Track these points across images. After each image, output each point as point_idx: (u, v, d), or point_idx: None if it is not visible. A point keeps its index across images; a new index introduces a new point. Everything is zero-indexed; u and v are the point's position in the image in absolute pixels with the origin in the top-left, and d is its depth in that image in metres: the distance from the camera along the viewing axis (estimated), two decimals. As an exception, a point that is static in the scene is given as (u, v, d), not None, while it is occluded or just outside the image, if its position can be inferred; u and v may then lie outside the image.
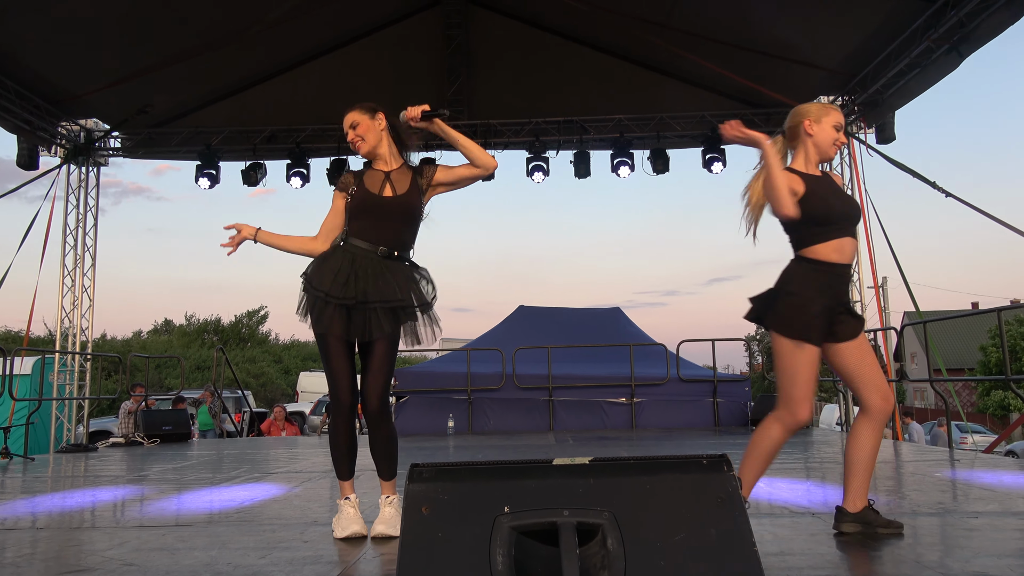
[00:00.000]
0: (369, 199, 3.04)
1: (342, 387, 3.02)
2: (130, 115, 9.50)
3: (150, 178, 71.36)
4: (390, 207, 3.04)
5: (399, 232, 3.06)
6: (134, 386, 10.62)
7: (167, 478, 5.41)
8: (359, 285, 2.93)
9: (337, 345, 3.00)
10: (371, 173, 3.12)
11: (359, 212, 3.05)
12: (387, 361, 3.04)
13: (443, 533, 1.48)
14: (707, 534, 1.45)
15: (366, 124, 3.10)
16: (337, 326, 2.95)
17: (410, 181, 3.09)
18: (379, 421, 3.05)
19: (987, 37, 7.74)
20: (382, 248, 3.01)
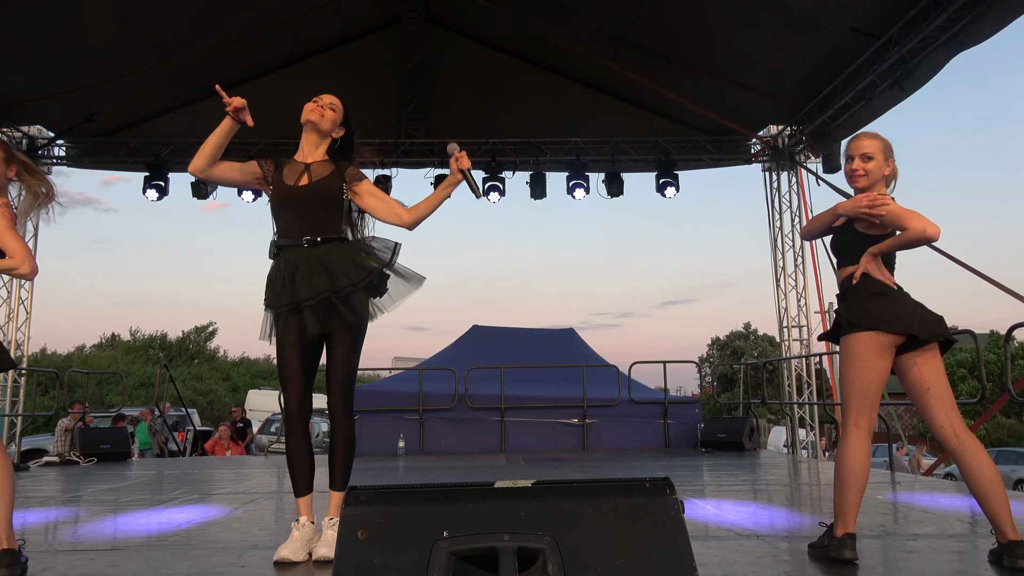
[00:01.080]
0: (285, 192, 2.99)
1: (290, 393, 2.98)
2: (76, 123, 9.23)
3: (98, 189, 69.59)
4: (305, 195, 2.98)
5: (321, 219, 2.97)
6: (72, 403, 10.24)
7: (102, 499, 5.20)
8: (293, 288, 2.89)
9: (291, 351, 2.95)
10: (291, 165, 3.06)
11: (279, 208, 3.01)
12: (345, 354, 2.96)
13: (379, 559, 1.43)
14: (649, 558, 1.43)
15: (337, 117, 3.08)
16: (290, 333, 2.93)
17: (331, 172, 3.04)
18: (338, 418, 3.00)
19: (928, 74, 8.06)
20: (306, 237, 2.94)
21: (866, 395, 2.78)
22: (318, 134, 3.06)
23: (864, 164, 2.89)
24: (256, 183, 3.09)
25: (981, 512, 3.97)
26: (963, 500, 4.54)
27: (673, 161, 10.97)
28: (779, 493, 5.04)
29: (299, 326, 2.90)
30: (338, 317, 2.90)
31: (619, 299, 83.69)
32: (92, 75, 8.79)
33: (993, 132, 71.69)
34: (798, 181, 11.18)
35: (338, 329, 2.92)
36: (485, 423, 9.83)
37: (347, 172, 3.06)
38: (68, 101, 9.19)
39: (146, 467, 8.19)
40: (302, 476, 3.04)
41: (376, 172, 10.86)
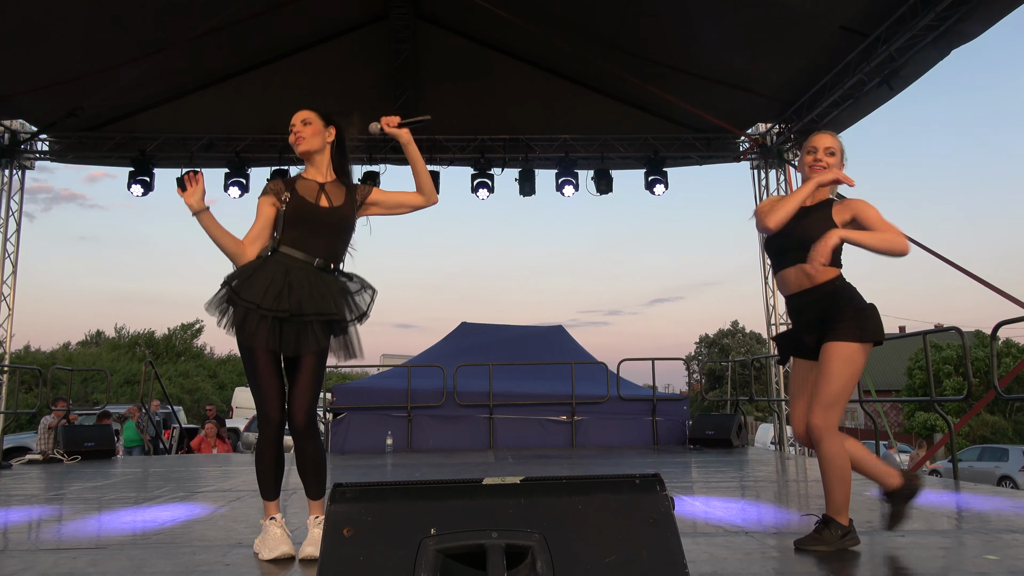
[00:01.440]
0: (306, 208, 2.95)
1: (271, 404, 2.91)
2: (59, 118, 9.12)
3: (84, 185, 68.96)
4: (327, 218, 2.97)
5: (334, 244, 3.00)
6: (55, 400, 10.12)
7: (85, 497, 5.13)
8: (293, 297, 2.84)
9: (266, 359, 2.89)
10: (304, 182, 3.04)
11: (295, 222, 2.95)
12: (316, 376, 2.95)
13: (365, 556, 1.40)
14: (638, 556, 1.41)
15: (317, 127, 3.05)
16: (266, 339, 2.84)
17: (345, 195, 3.05)
18: (307, 437, 2.95)
19: (916, 73, 8.10)
20: (318, 260, 2.93)
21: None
22: (316, 153, 3.06)
23: (828, 158, 3.02)
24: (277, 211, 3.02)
25: (968, 508, 4.00)
26: (950, 496, 4.56)
27: (662, 158, 10.98)
28: (767, 490, 5.05)
29: (280, 336, 2.85)
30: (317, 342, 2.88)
31: (608, 297, 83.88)
32: (75, 69, 8.69)
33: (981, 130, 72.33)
34: (786, 179, 11.22)
35: (313, 351, 2.90)
36: (473, 420, 9.81)
37: (359, 193, 3.08)
38: (51, 95, 9.08)
39: (131, 465, 8.11)
40: (273, 482, 3.01)
41: (364, 168, 10.81)
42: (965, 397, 6.34)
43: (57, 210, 61.85)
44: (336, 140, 3.11)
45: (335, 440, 9.66)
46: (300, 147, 3.03)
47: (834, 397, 2.83)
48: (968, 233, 68.86)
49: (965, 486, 5.16)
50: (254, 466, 3.07)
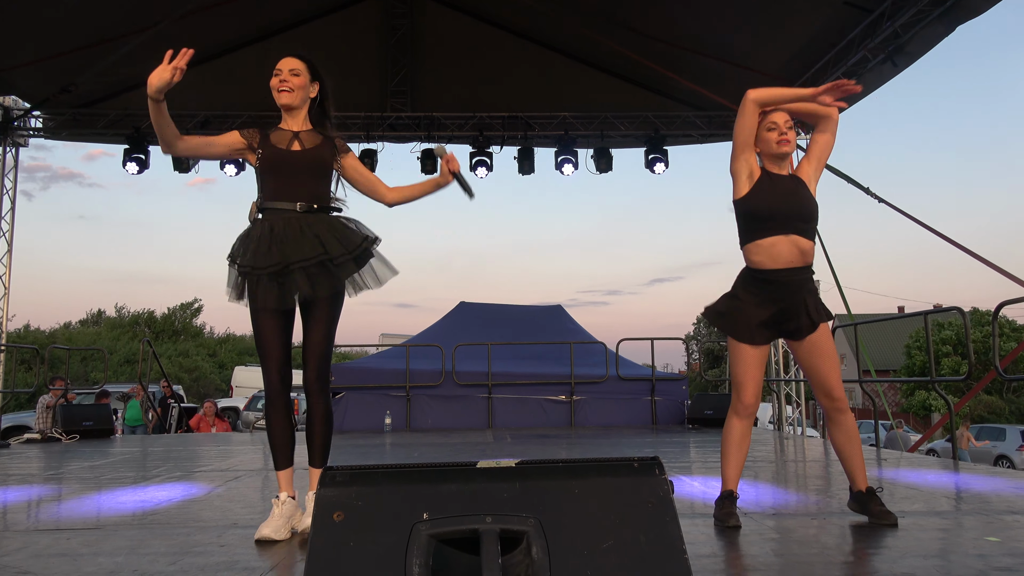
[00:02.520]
0: (278, 156, 2.90)
1: (271, 366, 2.87)
2: (52, 94, 9.00)
3: (82, 163, 68.62)
4: (301, 161, 2.91)
5: (313, 187, 2.92)
6: (53, 379, 10.12)
7: (82, 476, 5.12)
8: (281, 250, 2.78)
9: (268, 320, 2.84)
10: (277, 132, 2.97)
11: (270, 171, 2.90)
12: (323, 328, 2.88)
13: (355, 542, 1.37)
14: (636, 541, 1.38)
15: (304, 79, 2.97)
16: (269, 298, 2.81)
17: (321, 140, 2.99)
18: (314, 393, 2.92)
19: (922, 49, 7.98)
20: (300, 203, 2.87)
21: None
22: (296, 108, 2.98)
23: (789, 132, 3.05)
24: (238, 153, 2.99)
25: (968, 489, 3.98)
26: (949, 477, 4.55)
27: (662, 136, 10.87)
28: (765, 470, 5.03)
29: (280, 292, 2.80)
30: (325, 282, 2.81)
31: (607, 276, 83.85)
32: (67, 43, 8.56)
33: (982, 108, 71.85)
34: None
35: (319, 299, 2.83)
36: (472, 400, 9.81)
37: (337, 143, 3.01)
38: (44, 71, 8.96)
39: (129, 444, 8.11)
40: (283, 449, 2.98)
41: (361, 146, 10.70)
42: (965, 377, 6.32)
43: (56, 189, 61.64)
44: (319, 96, 3.04)
45: (334, 420, 9.65)
46: (283, 99, 2.94)
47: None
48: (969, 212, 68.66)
49: (964, 466, 5.15)
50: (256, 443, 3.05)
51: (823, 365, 3.01)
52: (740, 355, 3.01)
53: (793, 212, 2.95)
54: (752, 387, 3.04)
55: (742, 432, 3.10)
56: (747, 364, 3.01)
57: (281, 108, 2.99)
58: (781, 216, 2.94)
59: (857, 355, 7.58)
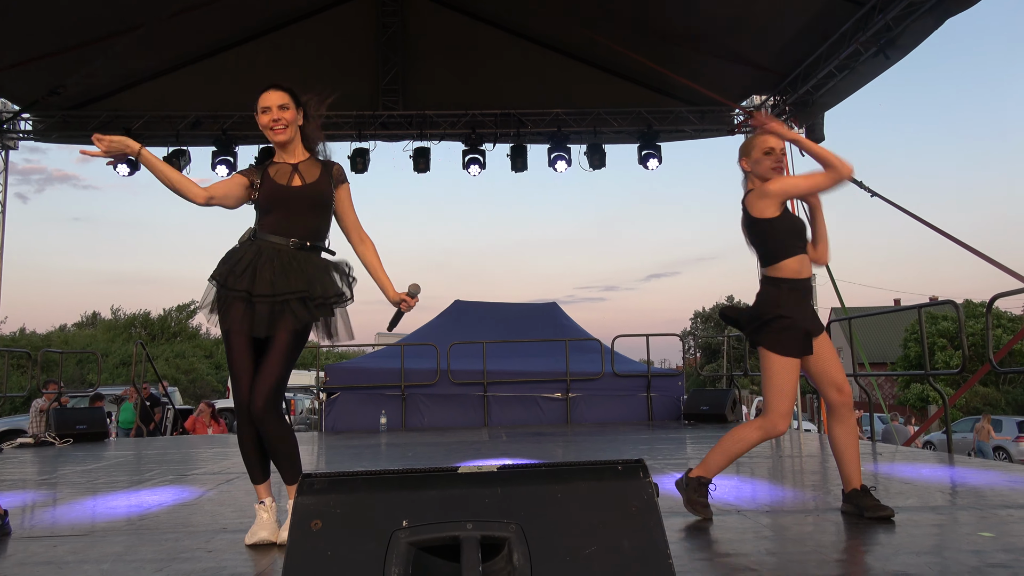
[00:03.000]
0: (277, 191, 2.88)
1: (242, 388, 2.83)
2: (41, 96, 8.94)
3: (76, 165, 68.45)
4: (300, 197, 2.90)
5: (311, 222, 2.92)
6: (46, 383, 10.06)
7: (73, 481, 5.08)
8: (263, 276, 2.77)
9: (239, 342, 2.82)
10: (276, 166, 2.96)
11: (268, 205, 2.89)
12: (282, 359, 2.82)
13: (333, 551, 1.34)
14: (620, 546, 1.35)
15: (293, 112, 2.94)
16: (238, 321, 2.79)
17: (320, 172, 2.97)
18: (264, 422, 2.81)
19: (913, 42, 7.96)
20: (294, 240, 2.86)
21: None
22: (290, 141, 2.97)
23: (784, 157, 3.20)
24: (247, 192, 2.95)
25: (963, 482, 3.97)
26: (944, 471, 4.54)
27: (655, 132, 10.84)
28: (761, 466, 5.01)
29: (248, 317, 2.79)
30: (293, 317, 2.79)
31: (604, 273, 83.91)
32: (55, 44, 8.50)
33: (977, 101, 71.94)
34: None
35: (286, 330, 2.80)
36: (468, 398, 9.77)
37: (334, 172, 3.00)
38: (32, 72, 8.90)
39: (123, 448, 8.06)
40: (258, 465, 2.95)
41: (353, 145, 10.65)
42: (960, 371, 6.30)
43: (51, 191, 61.44)
44: (304, 119, 3.01)
45: (328, 420, 9.62)
46: (278, 137, 2.92)
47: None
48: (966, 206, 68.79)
49: (959, 460, 5.13)
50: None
51: (832, 363, 3.14)
52: (787, 370, 3.03)
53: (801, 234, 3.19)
54: (792, 403, 3.08)
55: (753, 445, 3.14)
56: (791, 378, 3.04)
57: (276, 145, 2.98)
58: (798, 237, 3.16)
59: (852, 348, 7.57)
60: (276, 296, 2.76)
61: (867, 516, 3.03)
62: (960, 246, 8.23)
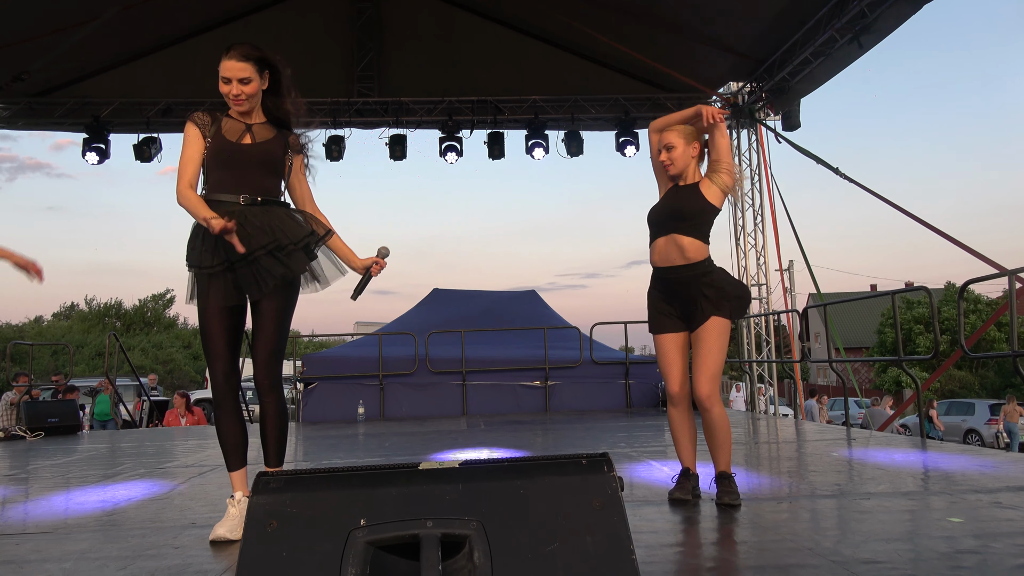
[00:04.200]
0: (225, 148, 2.76)
1: (217, 366, 2.77)
2: (4, 83, 8.72)
3: (50, 153, 67.28)
4: (249, 155, 2.78)
5: (259, 181, 2.79)
6: (17, 375, 9.88)
7: (41, 476, 4.99)
8: (226, 246, 2.67)
9: (214, 319, 2.74)
10: (230, 121, 2.83)
11: (215, 163, 2.77)
12: (273, 327, 2.77)
13: (288, 552, 1.30)
14: (583, 542, 1.32)
15: (256, 84, 2.79)
16: (216, 296, 2.72)
17: (275, 135, 2.86)
18: (266, 391, 2.82)
19: (888, 28, 7.98)
20: (244, 196, 2.75)
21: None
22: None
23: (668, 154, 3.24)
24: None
25: (935, 467, 4.00)
26: (917, 455, 4.57)
27: (633, 119, 10.81)
28: (737, 453, 5.02)
29: (226, 288, 2.71)
30: (272, 275, 2.70)
31: (585, 260, 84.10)
32: (18, 30, 8.28)
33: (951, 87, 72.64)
34: (758, 139, 11.12)
35: (270, 294, 2.73)
36: (446, 387, 9.74)
37: (290, 140, 2.90)
38: (-5, 59, 8.68)
39: (96, 441, 7.94)
40: (234, 450, 2.88)
41: (328, 132, 10.52)
42: (932, 356, 6.36)
43: (23, 179, 60.45)
44: (270, 85, 2.86)
45: (306, 411, 9.55)
46: (240, 108, 2.81)
47: (717, 368, 3.12)
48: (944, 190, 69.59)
49: (932, 444, 5.18)
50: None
51: (698, 356, 3.12)
52: (657, 348, 3.26)
53: (666, 214, 3.20)
54: (675, 375, 3.19)
55: (680, 418, 3.30)
56: (664, 355, 3.21)
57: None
58: (659, 220, 3.23)
59: (828, 335, 7.61)
60: (247, 257, 2.67)
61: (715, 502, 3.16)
62: (933, 231, 8.30)
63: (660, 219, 3.22)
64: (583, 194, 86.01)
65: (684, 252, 3.12)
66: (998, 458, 4.26)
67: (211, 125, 2.81)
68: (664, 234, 3.18)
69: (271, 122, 2.90)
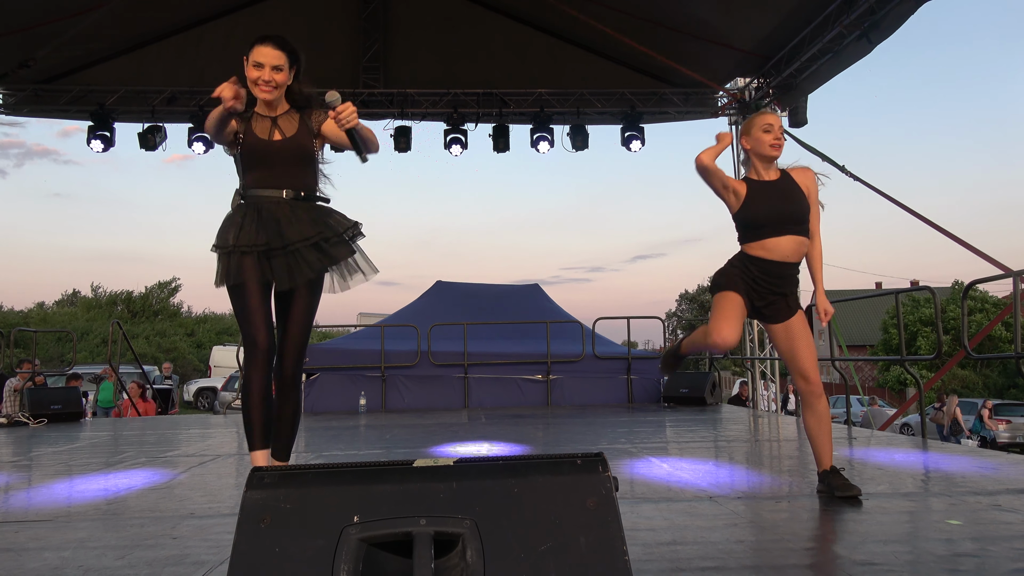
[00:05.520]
0: (260, 146, 2.84)
1: (258, 328, 2.72)
2: (10, 69, 8.72)
3: (57, 140, 67.30)
4: (283, 151, 2.85)
5: (298, 176, 2.88)
6: (20, 362, 9.92)
7: (43, 464, 5.01)
8: (270, 228, 2.73)
9: (253, 289, 2.74)
10: (257, 118, 2.91)
11: (252, 162, 2.86)
12: (304, 320, 2.82)
13: (281, 548, 1.30)
14: (575, 543, 1.32)
15: (285, 75, 2.88)
16: (251, 270, 2.73)
17: (298, 123, 2.92)
18: (289, 387, 2.85)
19: (896, 24, 7.92)
20: (287, 191, 2.83)
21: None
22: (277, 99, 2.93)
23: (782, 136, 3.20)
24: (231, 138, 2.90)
25: (936, 468, 3.99)
26: (917, 455, 4.56)
27: (639, 114, 10.76)
28: (738, 450, 5.03)
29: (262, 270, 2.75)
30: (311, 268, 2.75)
31: (589, 254, 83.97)
32: (24, 19, 8.26)
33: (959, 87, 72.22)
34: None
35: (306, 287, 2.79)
36: (448, 380, 9.75)
37: (312, 119, 2.93)
38: (2, 46, 8.66)
39: (98, 428, 7.97)
40: (261, 426, 2.80)
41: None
42: (935, 356, 6.34)
43: (30, 166, 60.52)
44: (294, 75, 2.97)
45: (308, 401, 9.56)
46: (264, 96, 2.86)
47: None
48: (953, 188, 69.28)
49: (933, 445, 5.17)
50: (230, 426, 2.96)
51: (800, 348, 3.18)
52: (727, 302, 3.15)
53: (786, 217, 3.14)
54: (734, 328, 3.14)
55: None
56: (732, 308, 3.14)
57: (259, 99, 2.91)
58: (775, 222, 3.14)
59: (830, 332, 7.60)
60: (288, 246, 2.72)
61: (837, 495, 3.14)
62: (938, 231, 8.26)
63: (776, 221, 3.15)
64: (588, 188, 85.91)
65: (799, 253, 3.17)
66: (998, 460, 4.25)
67: (242, 125, 2.88)
68: (782, 234, 3.13)
69: (294, 107, 2.96)
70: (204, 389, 22.59)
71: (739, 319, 3.17)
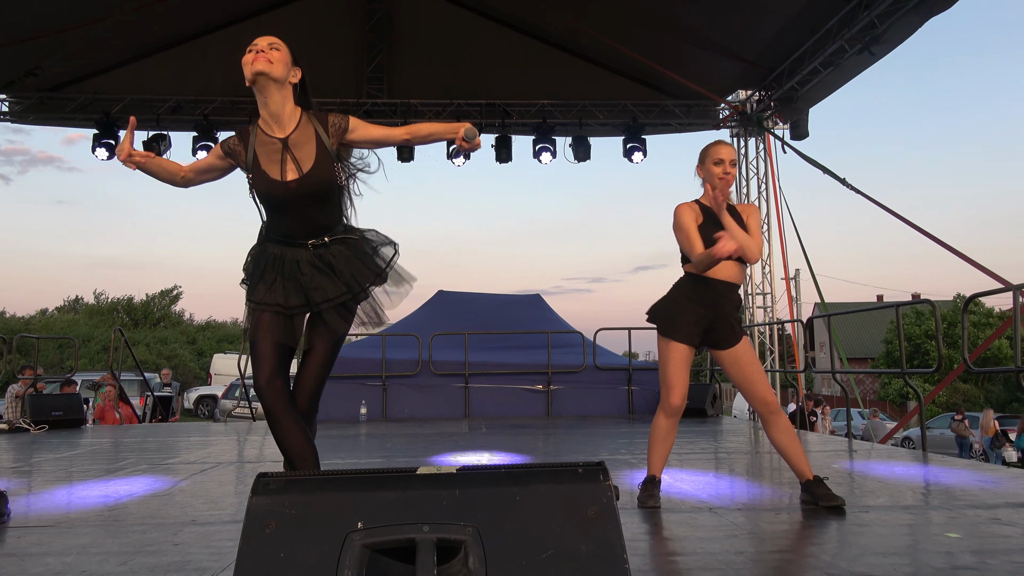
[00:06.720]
0: (275, 192, 2.57)
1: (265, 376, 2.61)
2: (17, 77, 8.79)
3: (62, 147, 67.55)
4: (300, 193, 2.57)
5: (320, 216, 2.66)
6: (22, 368, 9.93)
7: (44, 469, 5.02)
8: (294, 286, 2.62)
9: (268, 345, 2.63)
10: (264, 145, 2.60)
11: (268, 206, 2.64)
12: (327, 362, 2.75)
13: (285, 553, 1.31)
14: (577, 551, 1.33)
15: (286, 56, 2.64)
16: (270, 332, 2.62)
17: (315, 146, 2.60)
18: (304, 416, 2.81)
19: (898, 39, 7.98)
20: (312, 242, 2.65)
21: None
22: (276, 85, 2.59)
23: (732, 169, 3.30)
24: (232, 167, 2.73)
25: (936, 481, 4.00)
26: (917, 468, 4.57)
27: (641, 125, 10.82)
28: (738, 462, 5.03)
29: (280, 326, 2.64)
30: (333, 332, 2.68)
31: (591, 264, 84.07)
32: (34, 28, 8.34)
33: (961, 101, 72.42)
34: (765, 147, 11.12)
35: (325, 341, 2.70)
36: (449, 389, 9.75)
37: (331, 129, 2.63)
38: (10, 54, 8.73)
39: (98, 435, 7.98)
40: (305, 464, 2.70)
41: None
42: (935, 369, 6.35)
43: (34, 173, 60.74)
44: (301, 84, 2.73)
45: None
46: (260, 66, 2.55)
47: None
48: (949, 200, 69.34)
49: (933, 458, 5.17)
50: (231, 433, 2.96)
51: (751, 374, 3.27)
52: (672, 355, 3.25)
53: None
54: (680, 389, 3.28)
55: (667, 429, 3.39)
56: (677, 365, 3.25)
57: (255, 84, 2.59)
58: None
59: (831, 345, 7.61)
60: (312, 307, 2.63)
61: (821, 505, 3.19)
62: (937, 244, 8.29)
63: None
64: (590, 198, 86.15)
65: (740, 274, 3.30)
66: (998, 473, 4.25)
67: (245, 152, 2.63)
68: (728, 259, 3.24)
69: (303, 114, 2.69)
70: (205, 397, 22.60)
71: (687, 373, 3.31)
